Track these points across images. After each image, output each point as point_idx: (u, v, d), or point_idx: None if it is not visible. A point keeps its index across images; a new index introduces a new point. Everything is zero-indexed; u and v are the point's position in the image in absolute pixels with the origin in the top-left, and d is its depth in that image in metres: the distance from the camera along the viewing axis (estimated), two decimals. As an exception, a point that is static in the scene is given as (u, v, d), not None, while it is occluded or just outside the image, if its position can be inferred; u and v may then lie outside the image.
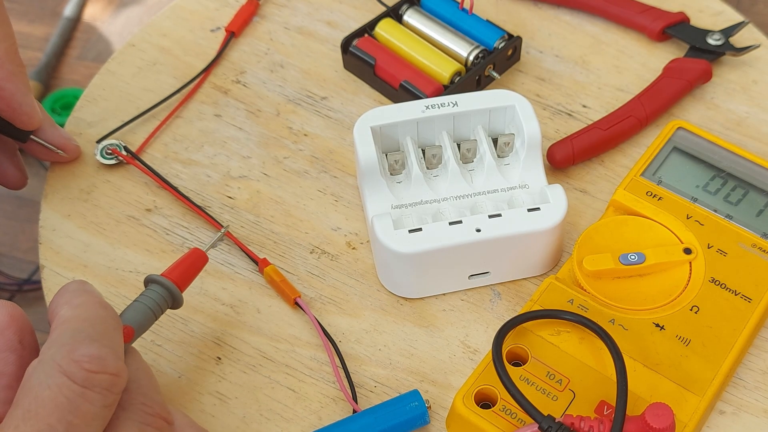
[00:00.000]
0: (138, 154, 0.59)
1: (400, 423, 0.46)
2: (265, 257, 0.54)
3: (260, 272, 0.54)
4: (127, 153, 0.59)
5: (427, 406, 0.47)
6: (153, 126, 0.61)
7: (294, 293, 0.52)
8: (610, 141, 0.58)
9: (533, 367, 0.47)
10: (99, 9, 1.52)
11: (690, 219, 0.52)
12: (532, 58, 0.64)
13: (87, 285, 0.41)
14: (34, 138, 0.55)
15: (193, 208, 0.56)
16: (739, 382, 0.49)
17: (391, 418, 0.46)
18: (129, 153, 0.59)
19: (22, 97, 0.52)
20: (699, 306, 0.49)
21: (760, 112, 0.61)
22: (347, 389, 0.49)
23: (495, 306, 0.52)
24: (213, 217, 0.56)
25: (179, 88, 0.62)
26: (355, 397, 0.49)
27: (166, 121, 0.61)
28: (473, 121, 0.54)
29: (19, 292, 1.21)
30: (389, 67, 0.60)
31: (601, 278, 0.50)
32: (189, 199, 0.57)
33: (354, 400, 0.48)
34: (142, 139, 0.60)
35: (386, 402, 0.47)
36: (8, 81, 0.51)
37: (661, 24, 0.63)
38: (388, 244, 0.49)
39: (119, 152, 0.58)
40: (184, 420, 0.40)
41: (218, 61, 0.64)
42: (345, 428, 0.46)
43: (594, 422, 0.43)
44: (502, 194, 0.53)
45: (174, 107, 0.62)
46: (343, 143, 0.60)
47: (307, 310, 0.52)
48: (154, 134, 0.60)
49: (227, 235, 0.54)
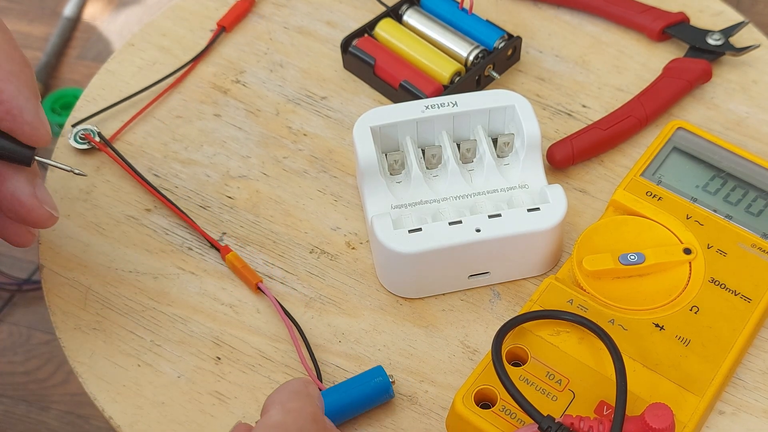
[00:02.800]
0: (111, 141, 0.59)
1: (366, 398, 0.48)
2: (227, 244, 0.55)
3: (222, 259, 0.54)
4: (100, 140, 0.59)
5: (391, 381, 0.48)
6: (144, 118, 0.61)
7: (255, 278, 0.53)
8: (610, 141, 0.58)
9: (533, 368, 0.47)
10: (99, 9, 1.52)
11: (690, 219, 0.52)
12: (532, 58, 0.64)
13: (310, 386, 0.39)
14: (40, 159, 0.45)
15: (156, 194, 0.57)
16: (739, 382, 0.49)
17: (355, 393, 0.48)
18: (102, 140, 0.59)
19: (25, 102, 0.42)
20: (699, 306, 0.49)
21: (760, 112, 0.60)
22: (311, 369, 0.50)
23: (495, 306, 0.52)
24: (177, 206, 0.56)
25: (165, 77, 0.63)
26: (320, 376, 0.50)
27: (144, 110, 0.61)
28: (473, 121, 0.54)
29: (18, 292, 1.21)
30: (389, 67, 0.60)
31: (600, 278, 0.50)
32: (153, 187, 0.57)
33: (319, 379, 0.49)
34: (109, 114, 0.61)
35: (350, 379, 0.48)
36: (7, 81, 0.42)
37: (661, 24, 0.63)
38: (388, 244, 0.49)
39: (92, 138, 0.59)
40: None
41: (206, 54, 0.64)
42: None
43: (594, 422, 0.43)
44: (501, 194, 0.53)
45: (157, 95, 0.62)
46: (342, 143, 0.60)
47: (269, 294, 0.52)
48: (130, 122, 0.60)
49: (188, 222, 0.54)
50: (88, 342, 0.51)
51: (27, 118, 0.42)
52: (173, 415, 0.49)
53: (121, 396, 0.50)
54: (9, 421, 1.11)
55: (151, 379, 0.50)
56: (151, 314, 0.53)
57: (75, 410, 1.12)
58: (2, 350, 1.17)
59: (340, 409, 0.47)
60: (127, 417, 0.49)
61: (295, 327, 0.51)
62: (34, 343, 1.17)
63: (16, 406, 1.12)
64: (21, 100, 0.42)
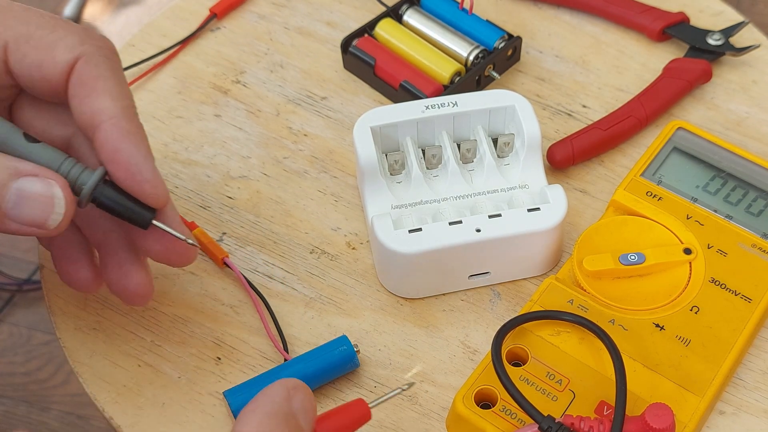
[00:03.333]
0: None
1: (330, 366, 0.48)
2: (193, 221, 0.56)
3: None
4: None
5: (356, 350, 0.48)
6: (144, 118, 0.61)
7: (222, 253, 0.54)
8: (610, 141, 0.58)
9: (533, 368, 0.47)
10: (99, 9, 1.52)
11: (690, 219, 0.52)
12: (532, 58, 0.64)
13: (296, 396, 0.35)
14: (157, 223, 0.43)
15: None
16: (739, 383, 0.49)
17: (320, 362, 0.48)
18: None
19: (143, 162, 0.41)
20: (699, 306, 0.49)
21: (760, 112, 0.60)
22: (277, 340, 0.50)
23: (495, 306, 0.52)
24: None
25: (153, 55, 0.64)
26: (286, 347, 0.50)
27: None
28: (473, 121, 0.54)
29: (19, 292, 1.21)
30: (389, 67, 0.60)
31: (601, 278, 0.50)
32: None
33: (285, 350, 0.50)
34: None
35: (315, 349, 0.49)
36: (125, 141, 0.41)
37: (661, 24, 0.63)
38: (388, 244, 0.49)
39: None
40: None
41: (194, 38, 0.64)
42: (278, 375, 0.47)
43: (594, 422, 0.43)
44: (502, 194, 0.53)
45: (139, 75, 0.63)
46: (343, 143, 0.60)
47: (235, 269, 0.53)
48: None
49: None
50: (88, 342, 0.51)
51: (146, 177, 0.41)
52: (174, 415, 0.49)
53: (121, 396, 0.50)
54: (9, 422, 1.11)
55: (151, 379, 0.50)
56: (151, 314, 0.52)
57: (75, 411, 1.12)
58: (2, 351, 1.17)
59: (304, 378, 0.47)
60: (127, 417, 0.49)
61: (262, 302, 0.52)
62: (35, 344, 1.17)
63: (16, 406, 1.12)
64: (140, 159, 0.41)
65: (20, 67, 0.41)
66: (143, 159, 0.41)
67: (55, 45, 0.41)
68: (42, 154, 0.41)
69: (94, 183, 0.42)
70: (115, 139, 0.41)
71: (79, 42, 0.42)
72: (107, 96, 0.41)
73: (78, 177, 0.42)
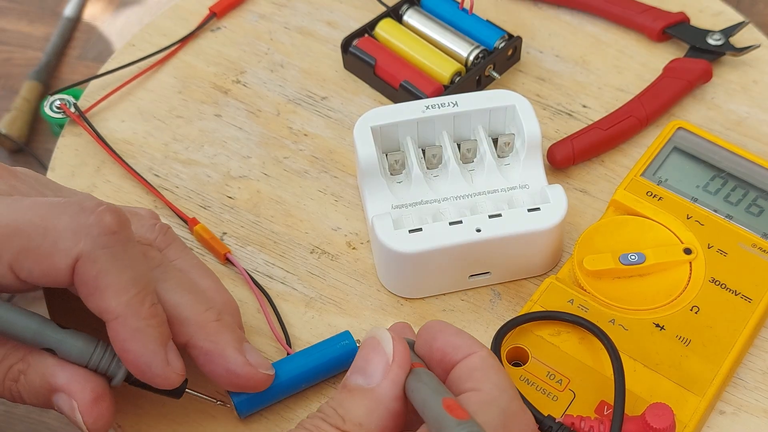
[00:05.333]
0: (86, 113, 0.60)
1: (332, 361, 0.48)
2: (194, 217, 0.56)
3: (190, 231, 0.55)
4: (75, 111, 0.60)
5: (358, 346, 0.48)
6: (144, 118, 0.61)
7: (224, 249, 0.54)
8: (610, 141, 0.58)
9: (533, 367, 0.47)
10: (99, 9, 1.52)
11: (690, 219, 0.52)
12: (532, 58, 0.64)
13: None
14: (190, 391, 0.46)
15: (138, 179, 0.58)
16: (739, 382, 0.49)
17: (323, 356, 0.48)
18: (77, 111, 0.60)
19: (152, 358, 0.43)
20: (699, 306, 0.49)
21: (760, 112, 0.61)
22: (280, 334, 0.51)
23: (495, 306, 0.52)
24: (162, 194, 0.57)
25: (150, 54, 0.64)
26: (288, 342, 0.51)
27: (124, 86, 0.62)
28: (473, 121, 0.54)
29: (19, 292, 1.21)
30: (389, 67, 0.60)
31: (601, 278, 0.50)
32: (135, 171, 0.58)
33: (288, 345, 0.50)
34: (110, 113, 0.61)
35: (317, 343, 0.49)
36: (132, 341, 0.42)
37: (661, 24, 0.63)
38: (388, 244, 0.49)
39: (68, 108, 0.59)
40: None
41: (194, 38, 0.64)
42: (280, 369, 0.47)
43: (594, 422, 0.43)
44: (502, 194, 0.53)
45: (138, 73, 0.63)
46: (343, 143, 0.60)
47: (238, 264, 0.53)
48: (108, 97, 0.61)
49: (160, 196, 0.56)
50: (88, 342, 0.51)
51: (157, 372, 0.43)
52: (174, 415, 0.49)
53: (121, 396, 0.49)
54: (9, 421, 1.11)
55: (151, 379, 0.50)
56: (151, 314, 0.52)
57: (75, 410, 1.12)
58: (2, 350, 1.17)
59: (304, 372, 0.48)
60: (127, 417, 0.49)
61: (265, 297, 0.52)
62: (35, 343, 1.17)
63: (16, 406, 1.12)
64: (147, 357, 0.42)
65: (32, 279, 0.42)
66: (152, 355, 0.42)
67: (53, 253, 0.41)
68: (73, 346, 0.43)
69: (120, 380, 0.44)
70: (122, 339, 0.42)
71: (73, 239, 0.41)
72: (110, 293, 0.41)
73: (108, 367, 0.44)
